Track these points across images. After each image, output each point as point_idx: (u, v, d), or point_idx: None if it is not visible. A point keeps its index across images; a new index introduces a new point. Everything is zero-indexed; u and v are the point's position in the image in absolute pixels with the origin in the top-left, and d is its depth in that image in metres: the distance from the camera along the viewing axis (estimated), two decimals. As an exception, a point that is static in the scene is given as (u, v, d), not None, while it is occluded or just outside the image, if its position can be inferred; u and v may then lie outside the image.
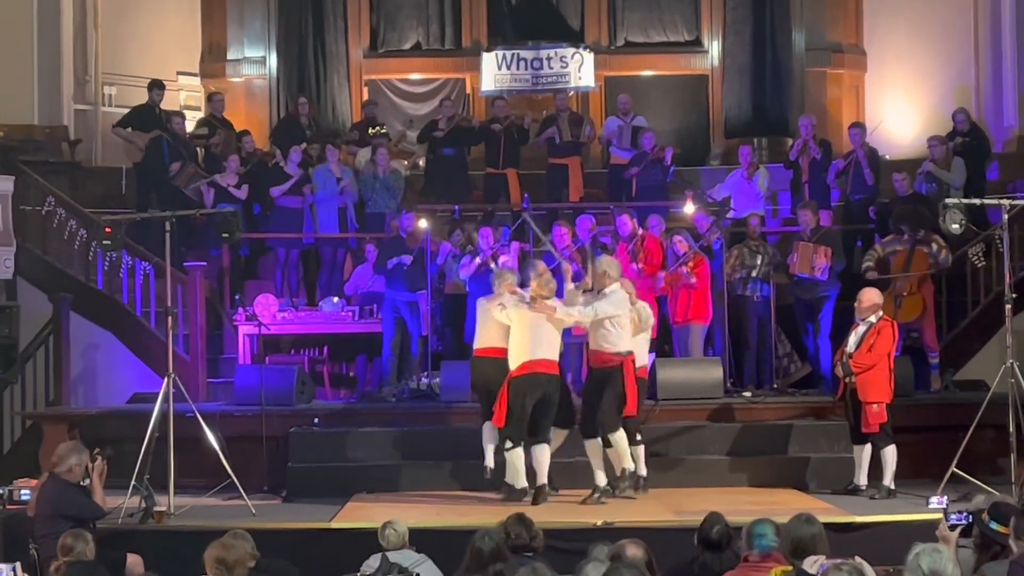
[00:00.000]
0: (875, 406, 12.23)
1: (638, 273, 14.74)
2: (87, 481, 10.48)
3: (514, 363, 12.20)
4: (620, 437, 12.19)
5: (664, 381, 14.10)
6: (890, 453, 12.36)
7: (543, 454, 12.27)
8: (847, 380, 12.41)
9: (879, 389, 12.29)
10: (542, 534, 8.66)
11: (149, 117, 18.00)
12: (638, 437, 12.56)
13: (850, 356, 12.36)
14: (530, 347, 12.17)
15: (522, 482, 12.20)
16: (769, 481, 13.11)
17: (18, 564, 8.56)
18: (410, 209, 15.72)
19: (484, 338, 12.58)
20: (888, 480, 12.36)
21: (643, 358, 12.73)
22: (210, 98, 19.23)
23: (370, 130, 18.66)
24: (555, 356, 12.30)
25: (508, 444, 12.19)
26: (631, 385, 12.23)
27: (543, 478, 12.24)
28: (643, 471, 12.57)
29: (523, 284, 12.61)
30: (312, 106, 19.16)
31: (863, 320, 12.54)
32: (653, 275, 14.93)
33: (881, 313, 12.63)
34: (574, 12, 20.50)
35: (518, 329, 12.24)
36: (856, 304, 12.72)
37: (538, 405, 12.19)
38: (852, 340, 12.50)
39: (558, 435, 12.53)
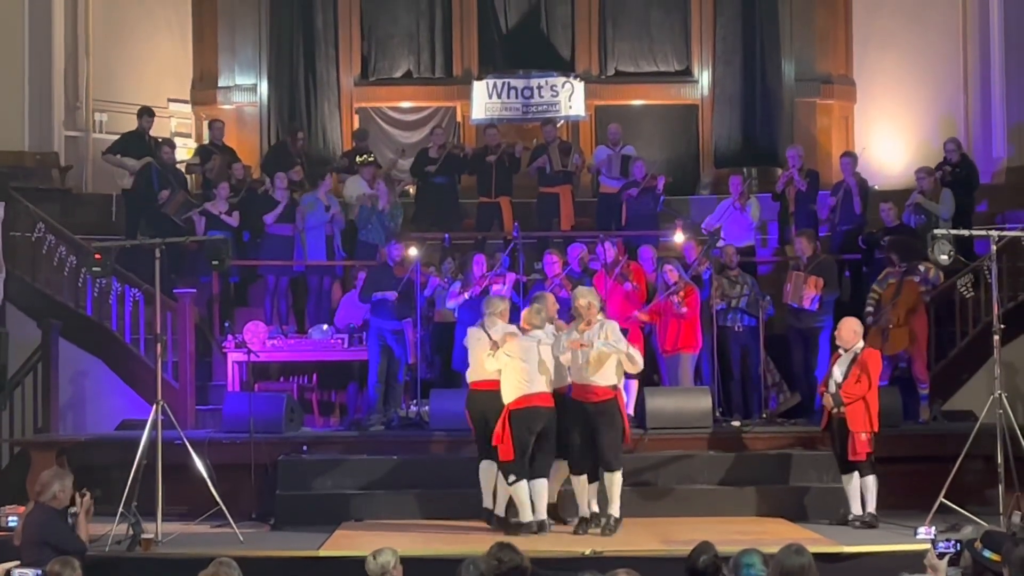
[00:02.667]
0: (863, 435, 12.25)
1: (632, 290, 14.79)
2: (74, 510, 10.45)
3: (510, 395, 12.08)
4: (619, 476, 12.17)
5: (653, 410, 14.10)
6: (872, 482, 12.40)
7: (543, 488, 12.18)
8: (835, 411, 12.43)
9: (866, 418, 12.32)
10: (528, 560, 8.63)
11: (139, 144, 18.01)
12: None
13: (839, 386, 12.38)
14: (527, 380, 12.08)
15: (529, 515, 12.09)
16: (758, 511, 13.11)
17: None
18: (398, 239, 15.70)
19: (479, 371, 12.50)
20: (871, 507, 12.39)
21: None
22: (210, 125, 19.26)
23: (357, 158, 18.69)
24: (550, 388, 12.20)
25: (512, 478, 12.07)
26: (625, 418, 12.29)
27: (542, 513, 12.15)
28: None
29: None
30: (302, 141, 19.16)
31: (846, 350, 12.57)
32: (643, 299, 14.98)
33: (863, 343, 12.65)
34: (565, 41, 20.61)
35: (513, 361, 12.13)
36: (836, 334, 12.75)
37: (538, 439, 12.11)
38: (838, 370, 12.52)
39: (562, 467, 12.43)
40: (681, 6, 20.57)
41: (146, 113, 18.30)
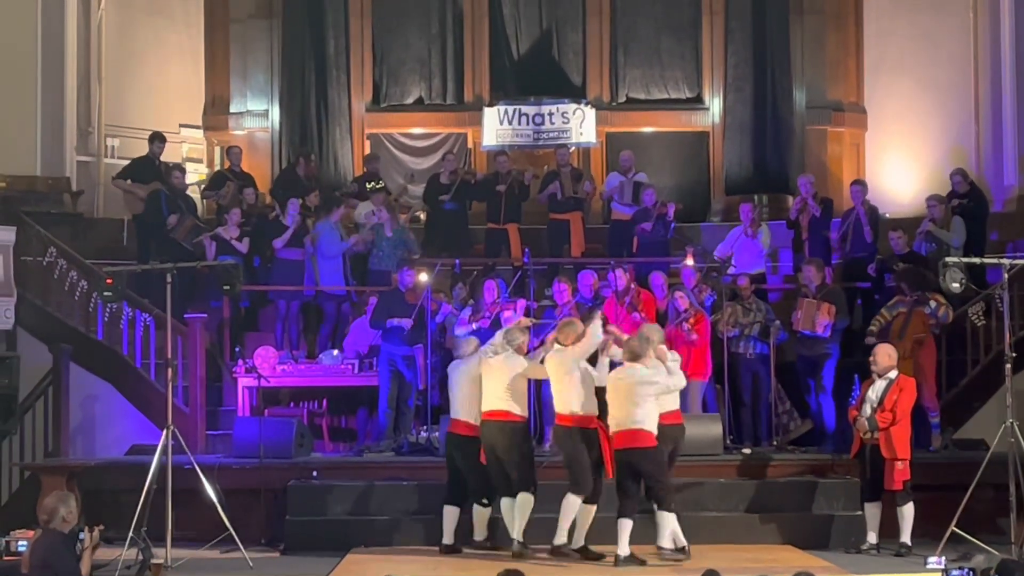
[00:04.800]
0: (900, 463, 12.27)
1: (642, 321, 14.76)
2: (83, 536, 10.40)
3: None
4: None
5: (664, 437, 14.06)
6: (909, 510, 12.41)
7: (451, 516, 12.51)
8: (866, 436, 12.41)
9: (902, 445, 12.35)
10: None
11: (149, 169, 18.05)
12: None
13: (875, 411, 12.37)
14: (455, 405, 12.54)
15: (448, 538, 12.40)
16: (768, 538, 13.08)
17: None
18: (410, 265, 15.72)
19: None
20: (906, 537, 12.37)
21: None
22: (229, 151, 19.28)
23: (367, 184, 18.70)
24: (470, 417, 12.39)
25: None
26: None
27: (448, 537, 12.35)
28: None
29: None
30: (314, 163, 19.19)
31: (881, 376, 12.57)
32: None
33: (898, 370, 12.65)
34: (576, 68, 20.65)
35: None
36: (871, 359, 12.77)
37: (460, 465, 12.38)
38: (872, 396, 12.52)
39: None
40: (692, 33, 20.62)
41: (157, 139, 18.35)
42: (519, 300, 15.27)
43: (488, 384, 12.36)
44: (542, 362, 12.44)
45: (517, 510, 12.17)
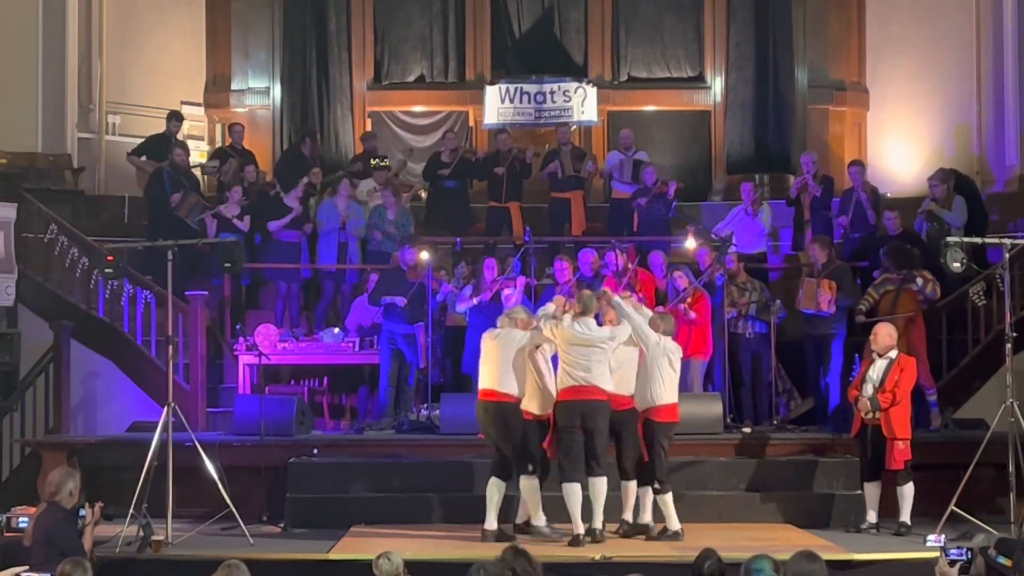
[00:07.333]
0: (900, 443, 12.28)
1: (640, 301, 14.75)
2: (83, 513, 10.43)
3: None
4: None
5: (664, 416, 14.06)
6: (909, 490, 12.42)
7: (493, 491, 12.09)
8: (868, 416, 12.41)
9: (903, 425, 12.36)
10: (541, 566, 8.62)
11: (164, 147, 18.05)
12: None
13: (877, 391, 12.37)
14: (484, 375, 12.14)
15: (490, 522, 12.02)
16: (768, 517, 13.09)
17: None
18: (411, 244, 15.71)
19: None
20: (906, 516, 12.38)
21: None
22: (231, 128, 19.29)
23: (372, 161, 18.69)
24: (494, 385, 11.91)
25: None
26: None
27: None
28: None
29: None
30: (318, 144, 19.19)
31: (881, 356, 12.57)
32: (652, 307, 14.95)
33: (898, 350, 12.65)
34: (578, 46, 20.62)
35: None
36: (871, 338, 12.76)
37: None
38: (873, 375, 12.51)
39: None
40: (694, 12, 20.58)
41: (175, 117, 18.47)
42: (519, 278, 15.29)
43: (484, 362, 12.15)
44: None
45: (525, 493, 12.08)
